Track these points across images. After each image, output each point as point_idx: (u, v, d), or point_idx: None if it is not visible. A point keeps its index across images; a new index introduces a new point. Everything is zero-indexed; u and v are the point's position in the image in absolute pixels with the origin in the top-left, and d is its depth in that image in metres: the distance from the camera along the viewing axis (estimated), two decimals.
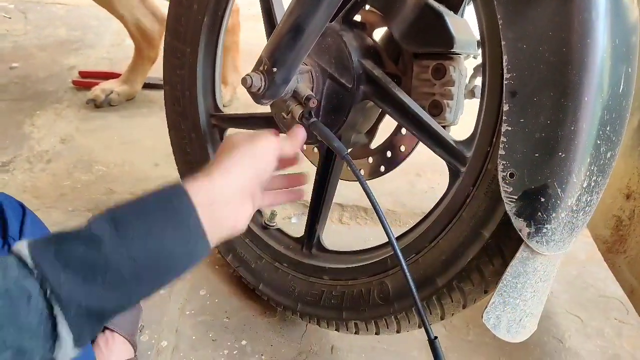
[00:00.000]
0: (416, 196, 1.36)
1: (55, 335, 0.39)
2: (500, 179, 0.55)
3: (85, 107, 1.72)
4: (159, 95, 1.06)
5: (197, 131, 0.98)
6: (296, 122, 0.75)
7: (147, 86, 1.85)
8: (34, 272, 0.38)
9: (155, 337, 0.92)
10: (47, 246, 0.40)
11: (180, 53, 0.96)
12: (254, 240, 0.93)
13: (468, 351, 0.64)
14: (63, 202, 1.25)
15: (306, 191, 0.72)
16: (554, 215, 0.53)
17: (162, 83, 1.03)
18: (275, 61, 0.67)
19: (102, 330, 0.83)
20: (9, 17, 2.47)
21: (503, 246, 0.62)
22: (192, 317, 0.97)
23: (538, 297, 0.61)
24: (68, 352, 0.40)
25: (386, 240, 0.69)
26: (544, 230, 0.54)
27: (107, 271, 0.40)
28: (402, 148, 0.93)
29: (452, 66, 0.73)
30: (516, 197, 0.54)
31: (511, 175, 0.54)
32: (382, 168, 0.95)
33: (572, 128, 0.50)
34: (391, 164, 0.94)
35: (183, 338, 0.93)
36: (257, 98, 0.70)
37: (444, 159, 0.70)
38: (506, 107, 0.53)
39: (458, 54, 0.74)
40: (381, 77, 0.74)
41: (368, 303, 0.77)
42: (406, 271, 0.61)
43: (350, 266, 0.80)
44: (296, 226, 1.20)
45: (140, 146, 1.51)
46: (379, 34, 0.86)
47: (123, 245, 0.41)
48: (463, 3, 0.79)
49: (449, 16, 0.72)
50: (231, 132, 1.00)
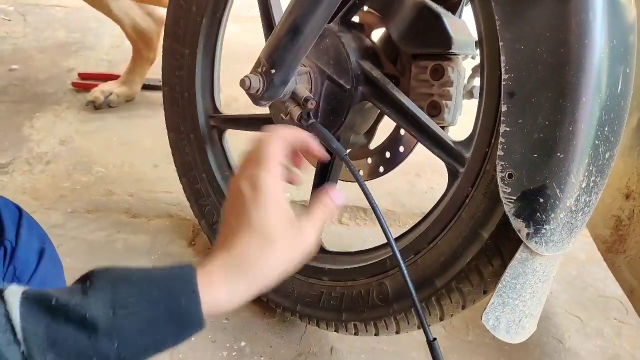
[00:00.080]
0: (416, 196, 1.35)
1: None
2: (499, 180, 0.55)
3: (84, 109, 1.72)
4: (158, 96, 1.06)
5: (196, 132, 0.98)
6: (295, 123, 0.75)
7: (147, 87, 1.85)
8: (20, 345, 0.36)
9: None
10: (40, 318, 0.38)
11: (179, 55, 0.96)
12: None
13: (467, 352, 0.64)
14: (62, 204, 1.25)
15: (306, 191, 0.72)
16: (553, 215, 0.53)
17: (161, 84, 1.03)
18: (273, 62, 0.67)
19: None
20: (9, 20, 2.47)
21: (502, 247, 0.62)
22: None
23: (537, 298, 0.61)
24: None
25: (385, 241, 0.70)
26: (543, 230, 0.54)
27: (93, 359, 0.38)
28: (401, 148, 0.93)
29: (451, 67, 0.73)
30: (515, 198, 0.54)
31: (510, 175, 0.54)
32: (381, 168, 0.95)
33: (571, 129, 0.50)
34: (390, 165, 0.95)
35: None
36: (256, 99, 0.70)
37: (443, 160, 0.70)
38: (504, 108, 0.53)
39: (456, 55, 0.74)
40: (379, 78, 0.74)
41: (367, 304, 0.77)
42: (405, 272, 0.61)
43: (349, 267, 0.80)
44: None
45: (139, 147, 1.51)
46: (378, 35, 0.86)
47: (116, 338, 0.39)
48: (461, 4, 0.80)
49: (447, 17, 0.72)
50: (230, 133, 1.01)
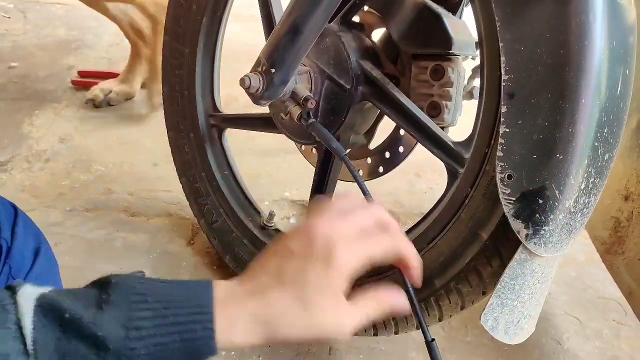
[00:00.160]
0: (415, 196, 1.35)
1: None
2: (498, 181, 0.55)
3: (84, 107, 1.71)
4: None
5: (196, 131, 0.98)
6: (294, 123, 0.75)
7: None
8: (30, 357, 0.36)
9: None
10: (52, 330, 0.38)
11: (179, 53, 0.96)
12: (252, 240, 0.93)
13: (466, 352, 0.64)
14: (61, 202, 1.25)
15: (306, 191, 0.71)
16: (552, 217, 0.53)
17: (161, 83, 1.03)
18: (273, 62, 0.67)
19: None
20: (8, 17, 2.47)
21: (501, 248, 0.62)
22: None
23: (536, 299, 0.61)
24: None
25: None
26: (542, 232, 0.54)
27: None
28: (401, 149, 0.93)
29: (451, 67, 0.73)
30: (514, 199, 0.54)
31: (509, 176, 0.54)
32: (381, 169, 0.95)
33: (570, 130, 0.50)
34: (390, 165, 0.95)
35: None
36: (255, 99, 0.70)
37: (442, 160, 0.70)
38: (504, 109, 0.53)
39: (456, 55, 0.74)
40: (380, 78, 0.74)
41: None
42: (403, 273, 0.61)
43: None
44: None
45: (139, 146, 1.51)
46: (378, 35, 0.86)
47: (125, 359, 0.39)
48: (461, 4, 0.80)
49: (448, 17, 0.72)
50: (229, 132, 1.01)
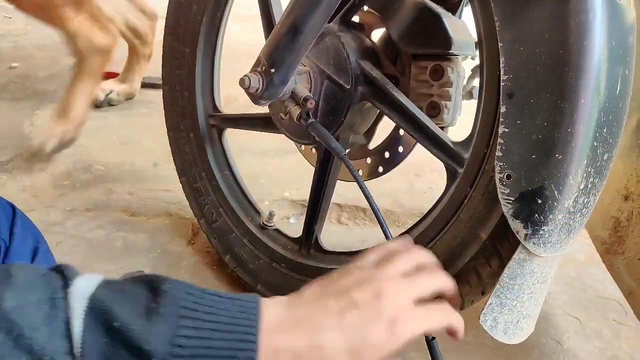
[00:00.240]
0: (415, 196, 1.35)
1: None
2: (497, 181, 0.55)
3: None
4: (158, 95, 1.06)
5: (196, 131, 0.98)
6: (295, 123, 0.75)
7: (147, 86, 1.86)
8: (76, 358, 0.36)
9: None
10: (100, 335, 0.38)
11: (179, 53, 0.96)
12: (252, 240, 0.93)
13: (466, 352, 0.64)
14: (62, 202, 1.25)
15: (305, 191, 0.71)
16: (551, 217, 0.53)
17: (161, 83, 1.03)
18: (273, 62, 0.67)
19: None
20: (9, 17, 2.47)
21: (500, 247, 0.62)
22: None
23: (535, 299, 0.61)
24: None
25: (384, 241, 0.70)
26: (541, 232, 0.54)
27: None
28: (400, 149, 0.93)
29: (450, 67, 0.73)
30: (513, 199, 0.54)
31: (508, 176, 0.54)
32: (381, 168, 0.95)
33: (569, 130, 0.50)
34: (389, 165, 0.95)
35: None
36: (255, 99, 0.70)
37: (442, 160, 0.70)
38: (503, 109, 0.53)
39: (456, 55, 0.74)
40: (379, 78, 0.74)
41: None
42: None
43: None
44: (294, 226, 1.20)
45: (139, 146, 1.51)
46: (378, 35, 0.86)
47: None
48: (461, 4, 0.80)
49: (447, 17, 0.72)
50: (229, 132, 1.01)
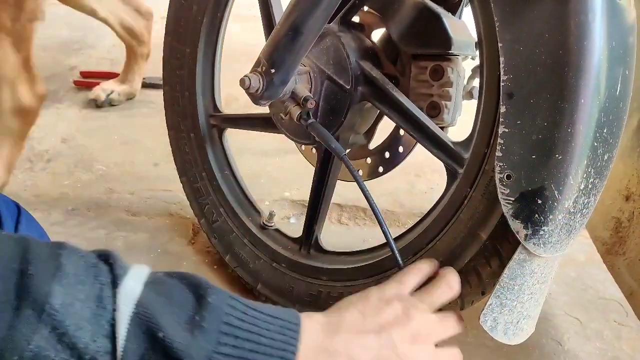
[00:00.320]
0: (415, 197, 1.35)
1: None
2: (497, 181, 0.55)
3: (86, 107, 1.72)
4: (159, 95, 1.06)
5: (196, 131, 0.98)
6: (295, 123, 0.75)
7: (147, 86, 1.86)
8: None
9: None
10: (143, 342, 0.39)
11: (179, 53, 0.96)
12: (252, 240, 0.93)
13: (466, 353, 0.64)
14: (63, 202, 1.25)
15: (305, 191, 0.71)
16: (551, 217, 0.53)
17: (162, 83, 1.03)
18: (273, 62, 0.67)
19: None
20: None
21: (500, 248, 0.62)
22: None
23: (535, 299, 0.61)
24: None
25: (384, 241, 0.70)
26: (541, 232, 0.54)
27: None
28: (401, 149, 0.93)
29: (450, 67, 0.73)
30: (513, 199, 0.54)
31: (508, 177, 0.54)
32: (381, 169, 0.95)
33: (569, 130, 0.50)
34: (389, 165, 0.95)
35: None
36: (255, 99, 0.70)
37: (442, 160, 0.70)
38: (503, 109, 0.53)
39: (456, 56, 0.74)
40: (379, 78, 0.74)
41: None
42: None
43: (348, 267, 0.80)
44: (295, 226, 1.20)
45: (140, 146, 1.51)
46: (378, 35, 0.86)
47: None
48: (461, 4, 0.80)
49: (447, 17, 0.72)
50: (230, 132, 1.01)
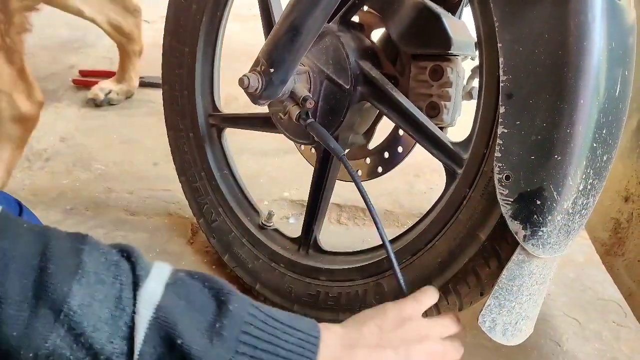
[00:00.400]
0: (415, 197, 1.35)
1: None
2: (496, 181, 0.55)
3: (85, 106, 1.72)
4: (158, 94, 1.06)
5: (196, 130, 0.98)
6: (294, 123, 0.75)
7: (146, 85, 1.86)
8: None
9: None
10: (160, 346, 0.39)
11: (178, 52, 0.96)
12: (251, 240, 0.93)
13: (465, 354, 0.64)
14: (62, 201, 1.25)
15: (304, 191, 0.71)
16: (550, 218, 0.53)
17: (161, 82, 1.03)
18: (272, 62, 0.67)
19: None
20: None
21: (499, 248, 0.62)
22: None
23: (534, 300, 0.61)
24: None
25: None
26: (540, 233, 0.54)
27: None
28: (400, 149, 0.93)
29: (450, 67, 0.73)
30: (512, 200, 0.54)
31: (507, 177, 0.54)
32: (380, 169, 0.95)
33: (568, 131, 0.50)
34: (389, 165, 0.94)
35: None
36: (254, 98, 0.70)
37: (441, 161, 0.70)
38: (502, 109, 0.53)
39: (456, 56, 0.74)
40: (378, 78, 0.74)
41: (364, 304, 0.77)
42: (398, 273, 0.62)
43: (346, 267, 0.80)
44: (294, 226, 1.20)
45: (139, 145, 1.51)
46: (377, 35, 0.86)
47: None
48: (461, 4, 0.80)
49: (447, 17, 0.72)
50: (229, 132, 1.01)
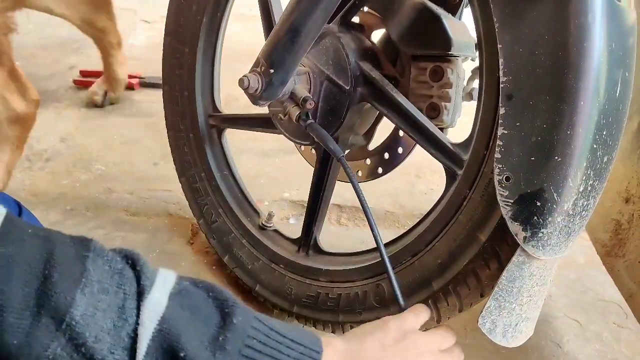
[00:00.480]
0: (415, 197, 1.35)
1: None
2: (496, 183, 0.55)
3: (85, 107, 1.72)
4: (159, 95, 1.06)
5: (196, 131, 0.98)
6: (294, 124, 0.75)
7: (147, 85, 1.86)
8: None
9: None
10: (162, 358, 0.40)
11: (179, 53, 0.96)
12: (251, 241, 0.92)
13: (465, 355, 0.64)
14: (62, 201, 1.25)
15: (304, 192, 0.71)
16: (550, 219, 0.53)
17: (161, 83, 1.03)
18: (272, 62, 0.67)
19: None
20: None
21: (499, 250, 0.62)
22: None
23: (534, 302, 0.61)
24: None
25: (384, 242, 0.69)
26: (540, 234, 0.54)
27: None
28: (400, 150, 0.93)
29: (450, 68, 0.73)
30: (512, 201, 0.54)
31: (507, 179, 0.54)
32: (380, 170, 0.95)
33: (568, 132, 0.50)
34: (389, 166, 0.94)
35: None
36: (254, 99, 0.70)
37: (441, 162, 0.70)
38: (502, 111, 0.53)
39: (456, 57, 0.74)
40: (379, 79, 0.74)
41: (364, 305, 0.77)
42: (392, 276, 0.63)
43: (346, 268, 0.80)
44: (294, 227, 1.20)
45: (139, 146, 1.51)
46: (377, 36, 0.86)
47: None
48: (461, 5, 0.79)
49: (447, 18, 0.72)
50: (229, 132, 1.01)
